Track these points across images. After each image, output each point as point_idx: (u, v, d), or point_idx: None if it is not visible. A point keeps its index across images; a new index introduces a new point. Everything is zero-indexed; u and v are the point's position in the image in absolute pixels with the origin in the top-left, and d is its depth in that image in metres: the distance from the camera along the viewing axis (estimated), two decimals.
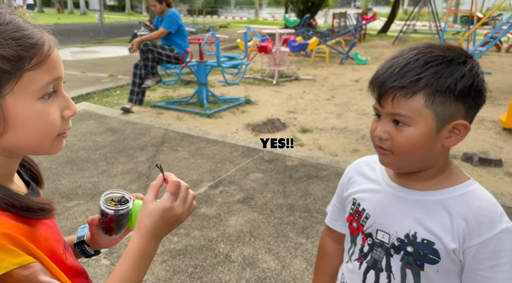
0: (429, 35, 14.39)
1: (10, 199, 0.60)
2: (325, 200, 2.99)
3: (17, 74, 0.57)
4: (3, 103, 0.57)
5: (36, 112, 0.60)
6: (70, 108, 0.65)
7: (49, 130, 0.62)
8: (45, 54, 0.59)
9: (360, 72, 8.28)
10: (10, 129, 0.59)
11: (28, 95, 0.58)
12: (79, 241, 0.86)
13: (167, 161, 3.70)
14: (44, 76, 0.59)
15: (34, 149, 0.63)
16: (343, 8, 26.05)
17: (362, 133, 4.52)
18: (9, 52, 0.55)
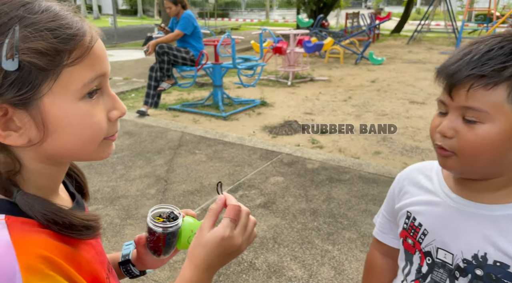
0: (444, 34, 14.14)
1: (51, 214, 0.52)
2: (349, 204, 2.89)
3: (55, 71, 0.48)
4: (41, 105, 0.49)
5: (78, 114, 0.51)
6: (117, 108, 0.57)
7: (94, 134, 0.54)
8: (86, 46, 0.51)
9: (376, 72, 8.14)
10: (50, 134, 0.51)
11: (69, 94, 0.50)
12: (124, 260, 0.78)
13: (185, 164, 3.64)
14: (86, 72, 0.51)
15: (79, 155, 0.55)
16: (354, 8, 25.83)
17: (383, 135, 4.39)
18: (44, 45, 0.47)
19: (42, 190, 0.56)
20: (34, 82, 0.47)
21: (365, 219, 2.71)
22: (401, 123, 4.78)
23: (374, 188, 3.11)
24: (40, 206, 0.51)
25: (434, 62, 9.17)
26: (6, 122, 0.49)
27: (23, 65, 0.46)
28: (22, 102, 0.48)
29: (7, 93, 0.46)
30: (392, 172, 3.37)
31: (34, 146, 0.51)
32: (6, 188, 0.52)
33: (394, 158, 3.78)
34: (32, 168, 0.54)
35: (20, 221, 0.50)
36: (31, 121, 0.49)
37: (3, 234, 0.47)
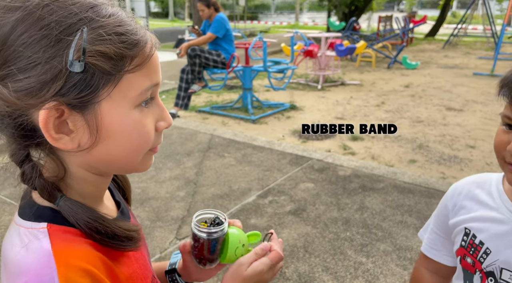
0: (482, 39, 13.58)
1: (95, 223, 0.51)
2: (383, 215, 2.77)
3: (117, 76, 0.48)
4: (97, 110, 0.48)
5: (132, 122, 0.50)
6: (165, 120, 0.56)
7: (143, 143, 0.53)
8: (147, 54, 0.50)
9: (410, 77, 7.89)
10: (101, 141, 0.50)
11: (126, 101, 0.49)
12: (170, 268, 0.77)
13: (214, 167, 3.61)
14: (144, 81, 0.50)
15: (124, 164, 0.54)
16: (386, 11, 25.31)
17: (419, 142, 4.22)
18: (112, 49, 0.46)
19: (86, 198, 0.55)
20: (95, 85, 0.46)
21: (400, 231, 2.58)
22: (438, 131, 4.59)
23: (410, 199, 2.98)
24: (83, 214, 0.50)
25: (471, 68, 8.80)
26: (60, 125, 0.48)
27: (88, 68, 0.45)
28: (80, 105, 0.47)
29: (68, 94, 0.45)
30: (429, 182, 3.22)
31: (82, 152, 0.50)
32: (50, 193, 0.50)
33: (431, 167, 3.62)
34: (77, 174, 0.53)
35: (62, 230, 0.49)
36: (85, 126, 0.48)
37: (44, 243, 0.47)
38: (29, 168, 0.50)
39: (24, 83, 0.44)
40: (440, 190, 3.09)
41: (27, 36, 0.44)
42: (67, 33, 0.45)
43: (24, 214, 0.51)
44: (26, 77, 0.44)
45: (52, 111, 0.46)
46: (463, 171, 3.53)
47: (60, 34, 0.44)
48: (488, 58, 10.04)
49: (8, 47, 0.44)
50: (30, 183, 0.50)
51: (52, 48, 0.44)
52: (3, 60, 0.45)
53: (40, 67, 0.44)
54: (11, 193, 3.09)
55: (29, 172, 0.50)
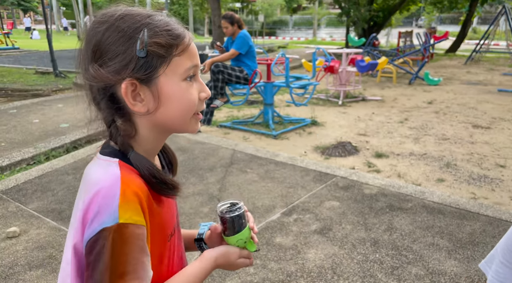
0: (506, 55, 13.33)
1: (153, 170, 0.72)
2: (413, 236, 2.68)
3: (168, 59, 0.70)
4: (157, 83, 0.70)
5: (181, 90, 0.72)
6: (205, 91, 0.77)
7: (191, 106, 0.74)
8: (187, 43, 0.72)
9: (432, 93, 7.76)
10: (162, 105, 0.71)
11: (176, 76, 0.71)
12: (199, 237, 0.94)
13: (237, 183, 3.58)
14: (186, 61, 0.72)
15: (178, 124, 0.75)
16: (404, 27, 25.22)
17: (446, 161, 4.11)
18: (163, 40, 0.69)
19: (147, 153, 0.75)
20: (154, 65, 0.69)
21: (432, 253, 2.49)
22: (465, 149, 4.46)
23: (441, 220, 2.87)
24: (146, 163, 0.72)
25: (496, 84, 8.61)
26: (135, 95, 0.70)
27: (149, 53, 0.68)
28: (146, 80, 0.69)
29: (138, 72, 0.68)
30: (460, 203, 3.11)
31: (149, 115, 0.71)
32: (125, 147, 0.72)
33: (460, 187, 3.50)
34: (143, 134, 0.74)
35: (127, 167, 0.71)
36: (150, 95, 0.70)
37: (116, 170, 0.69)
38: (114, 129, 0.72)
39: (112, 67, 0.68)
40: (472, 211, 2.98)
41: (111, 37, 0.68)
42: (135, 32, 0.68)
43: (104, 152, 0.73)
44: (113, 63, 0.68)
45: (129, 84, 0.68)
46: (494, 191, 3.41)
47: (131, 33, 0.68)
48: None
49: (102, 46, 0.69)
50: (115, 139, 0.72)
51: (127, 43, 0.68)
52: (99, 54, 0.69)
53: (120, 56, 0.68)
54: (39, 207, 3.12)
55: (114, 131, 0.72)
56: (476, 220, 2.85)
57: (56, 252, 2.61)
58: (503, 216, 2.89)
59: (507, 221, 2.83)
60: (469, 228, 2.75)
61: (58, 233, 2.81)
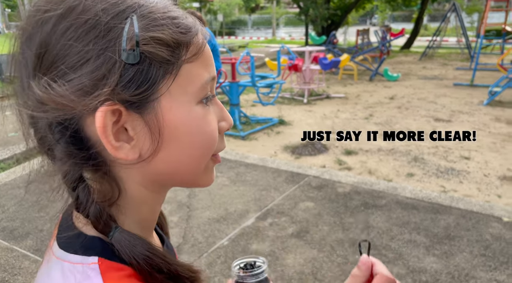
0: (457, 50, 13.99)
1: (157, 259, 0.42)
2: (390, 234, 2.65)
3: (175, 66, 0.41)
4: (157, 108, 0.41)
5: (196, 120, 0.43)
6: (226, 120, 0.49)
7: (210, 144, 0.45)
8: (200, 42, 0.43)
9: (392, 89, 7.95)
10: (164, 147, 0.42)
11: (187, 96, 0.42)
12: None
13: (207, 189, 3.42)
14: (202, 72, 0.43)
15: (188, 174, 0.46)
16: (359, 25, 25.92)
17: (413, 155, 4.16)
18: (168, 35, 0.40)
19: (142, 225, 0.47)
20: (153, 77, 0.40)
21: (411, 251, 2.46)
22: (431, 142, 4.56)
23: (416, 215, 2.87)
24: (143, 248, 0.41)
25: (451, 78, 8.98)
26: (118, 131, 0.41)
27: (144, 57, 0.39)
28: (138, 104, 0.40)
29: (125, 91, 0.39)
30: (432, 197, 3.13)
31: (143, 163, 0.42)
32: (106, 222, 0.42)
33: (430, 181, 3.55)
34: (134, 195, 0.45)
35: (115, 267, 0.41)
36: (145, 129, 0.41)
37: None
38: (83, 192, 0.42)
39: (76, 82, 0.38)
40: (444, 205, 3.00)
41: (74, 29, 0.38)
42: (116, 21, 0.39)
43: (67, 245, 0.43)
44: (78, 76, 0.38)
45: (108, 112, 0.39)
46: (462, 183, 3.47)
47: (110, 22, 0.38)
48: (465, 69, 10.29)
49: (54, 46, 0.39)
50: (84, 210, 0.42)
51: (103, 39, 0.38)
52: (51, 61, 0.39)
53: (92, 61, 0.38)
54: (32, 246, 2.72)
55: (83, 196, 0.41)
56: (449, 214, 2.88)
57: (9, 276, 2.34)
58: (474, 208, 2.94)
59: (478, 213, 2.87)
60: (444, 222, 2.76)
61: (10, 254, 2.53)
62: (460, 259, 2.37)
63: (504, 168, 3.77)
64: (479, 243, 2.52)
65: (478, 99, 6.73)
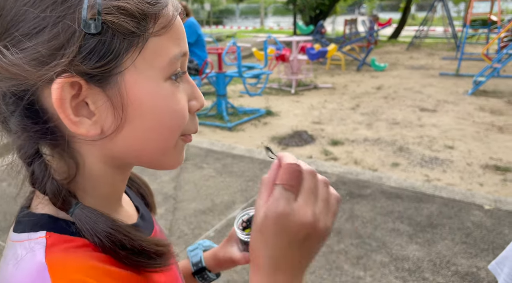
0: (444, 40, 14.10)
1: (119, 235, 0.41)
2: (374, 223, 2.68)
3: (140, 39, 0.39)
4: (121, 82, 0.39)
5: (163, 97, 0.41)
6: (197, 99, 0.46)
7: (178, 122, 0.43)
8: (170, 15, 0.41)
9: (380, 79, 7.99)
10: (128, 123, 0.40)
11: (154, 71, 0.40)
12: (198, 268, 0.70)
13: (193, 180, 3.42)
14: (172, 47, 0.41)
15: (155, 154, 0.44)
16: (348, 15, 25.89)
17: (398, 145, 4.21)
18: (133, 5, 0.38)
19: (102, 202, 0.45)
20: (116, 49, 0.37)
21: (394, 239, 2.50)
22: (415, 132, 4.60)
23: (399, 204, 2.91)
24: (106, 224, 0.41)
25: (437, 68, 9.05)
26: (78, 106, 0.39)
27: (106, 28, 0.37)
28: (99, 77, 0.38)
29: (85, 63, 0.37)
30: (416, 186, 3.18)
31: (105, 139, 0.41)
32: (64, 199, 0.41)
33: (415, 170, 3.59)
34: (92, 172, 0.43)
35: (64, 239, 0.40)
36: (107, 103, 0.39)
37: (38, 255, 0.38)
38: (40, 167, 0.40)
39: (31, 51, 0.36)
40: (427, 194, 3.05)
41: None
42: None
43: (17, 227, 0.42)
44: (33, 44, 0.36)
45: (67, 85, 0.37)
46: (446, 172, 3.53)
47: None
48: (451, 58, 10.38)
49: (8, 11, 0.37)
50: (41, 186, 0.40)
51: (61, 6, 0.36)
52: (4, 27, 0.37)
53: (48, 29, 0.36)
54: None
55: (39, 172, 0.40)
56: (432, 202, 2.92)
57: None
58: (457, 196, 2.99)
59: (460, 201, 2.92)
60: (427, 211, 2.81)
61: None
62: (442, 246, 2.42)
63: (487, 157, 3.83)
64: (460, 230, 2.57)
65: (463, 88, 6.81)
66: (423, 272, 2.21)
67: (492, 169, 3.56)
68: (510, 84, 7.12)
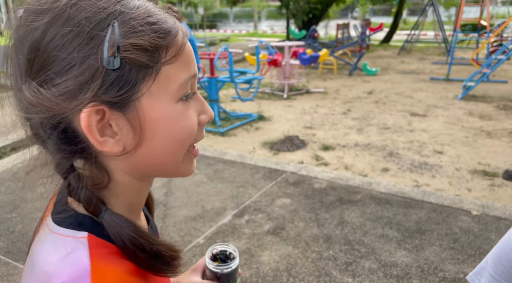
0: (434, 44, 14.25)
1: (141, 239, 0.47)
2: (364, 229, 2.70)
3: (154, 69, 0.45)
4: (139, 107, 0.45)
5: (176, 117, 0.48)
6: (206, 113, 0.53)
7: (186, 137, 0.49)
8: (180, 43, 0.47)
9: (371, 83, 8.05)
10: (146, 141, 0.47)
11: (167, 95, 0.47)
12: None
13: (184, 186, 3.42)
14: (182, 72, 0.48)
15: (169, 166, 0.51)
16: (340, 19, 26.05)
17: (389, 150, 4.24)
18: (146, 40, 0.44)
19: (130, 208, 0.53)
20: (134, 80, 0.44)
21: (383, 245, 2.52)
22: (405, 137, 4.65)
23: (389, 210, 2.94)
24: (129, 229, 0.47)
25: (427, 73, 9.15)
26: (103, 127, 0.46)
27: (124, 63, 0.43)
28: (120, 104, 0.45)
29: (107, 93, 0.43)
30: (405, 191, 3.21)
31: (127, 154, 0.48)
32: (96, 205, 0.47)
33: (404, 175, 3.62)
34: (121, 182, 0.51)
35: (102, 244, 0.46)
36: (127, 125, 0.46)
37: (83, 256, 0.44)
38: (74, 179, 0.48)
39: (62, 86, 0.43)
40: (416, 199, 3.08)
41: (59, 37, 0.42)
42: (98, 29, 0.43)
43: (61, 221, 0.48)
44: (64, 80, 0.43)
45: (93, 112, 0.44)
46: (435, 178, 3.57)
47: (92, 31, 0.42)
48: (441, 63, 10.50)
49: (43, 52, 0.43)
50: (76, 195, 0.48)
51: (86, 47, 0.42)
52: (40, 65, 0.43)
53: (76, 68, 0.42)
54: (2, 248, 2.70)
55: (74, 183, 0.48)
56: (421, 208, 2.95)
57: None
58: (445, 202, 3.02)
59: (448, 207, 2.96)
60: (415, 217, 2.84)
61: None
62: (430, 252, 2.44)
63: (475, 162, 3.88)
64: (448, 236, 2.60)
65: (453, 93, 6.89)
66: (411, 278, 2.23)
67: (480, 174, 3.61)
68: (499, 89, 7.22)
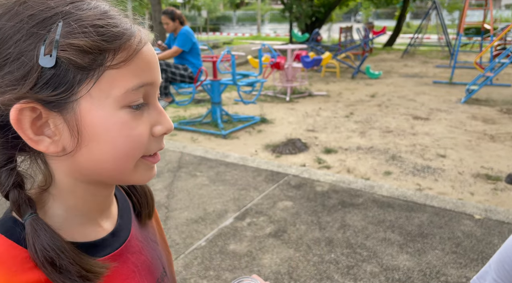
0: (438, 48, 14.23)
1: (52, 252, 0.44)
2: (366, 232, 2.69)
3: (96, 72, 0.44)
4: (76, 108, 0.45)
5: (117, 124, 0.46)
6: (162, 124, 0.50)
7: (132, 147, 0.47)
8: (133, 48, 0.45)
9: (374, 86, 8.04)
10: (85, 144, 0.46)
11: (109, 100, 0.45)
12: None
13: (186, 188, 3.42)
14: (131, 78, 0.45)
15: (114, 173, 0.49)
16: (344, 22, 26.09)
17: (391, 153, 4.23)
18: (87, 42, 0.43)
19: (71, 213, 0.51)
20: (70, 81, 0.43)
21: (385, 249, 2.51)
22: (408, 141, 4.64)
23: (391, 214, 2.93)
24: (45, 239, 0.44)
25: (431, 76, 9.13)
26: (41, 126, 0.45)
27: (61, 63, 0.43)
28: (56, 104, 0.44)
29: (42, 92, 0.43)
30: (407, 195, 3.20)
31: (67, 156, 0.47)
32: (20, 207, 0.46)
33: (407, 179, 3.61)
34: (64, 184, 0.50)
35: (10, 245, 0.45)
36: (65, 127, 0.45)
37: None
38: (5, 175, 0.46)
39: (8, 76, 0.43)
40: (418, 203, 3.07)
41: (2, 32, 0.43)
42: (40, 27, 0.42)
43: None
44: (8, 70, 0.43)
45: (27, 109, 0.43)
46: (437, 181, 3.55)
47: (33, 28, 0.42)
48: (445, 66, 10.48)
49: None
50: (4, 192, 0.46)
51: (24, 43, 0.42)
52: None
53: (11, 63, 0.42)
54: None
55: (4, 179, 0.46)
56: (423, 212, 2.94)
57: None
58: (447, 205, 3.01)
59: (451, 211, 2.94)
60: (418, 220, 2.82)
61: None
62: (432, 256, 2.43)
63: (478, 165, 3.87)
64: (451, 240, 2.58)
65: (456, 97, 6.87)
66: (413, 282, 2.22)
67: (483, 178, 3.59)
68: (502, 92, 7.19)
